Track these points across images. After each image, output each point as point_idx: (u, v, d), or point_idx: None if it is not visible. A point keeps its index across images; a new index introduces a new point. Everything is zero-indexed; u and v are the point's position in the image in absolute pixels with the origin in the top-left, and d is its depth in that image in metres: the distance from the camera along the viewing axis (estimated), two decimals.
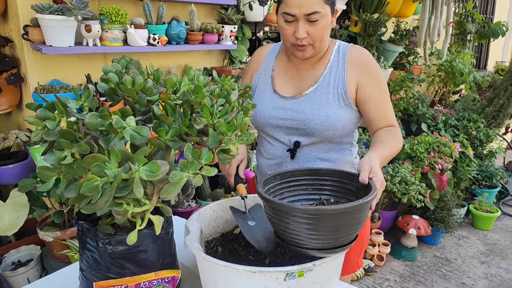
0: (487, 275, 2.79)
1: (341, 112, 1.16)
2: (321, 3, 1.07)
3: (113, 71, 0.82)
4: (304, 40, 1.11)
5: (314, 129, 1.17)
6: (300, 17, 1.08)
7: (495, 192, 3.66)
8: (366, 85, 1.17)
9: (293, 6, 1.08)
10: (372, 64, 1.19)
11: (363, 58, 1.19)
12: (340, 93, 1.17)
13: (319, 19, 1.08)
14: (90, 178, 0.59)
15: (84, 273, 0.88)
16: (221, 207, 1.12)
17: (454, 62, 3.87)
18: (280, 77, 1.26)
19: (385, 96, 1.19)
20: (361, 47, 1.23)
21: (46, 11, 1.64)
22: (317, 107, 1.16)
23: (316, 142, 1.20)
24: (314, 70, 1.22)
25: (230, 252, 1.03)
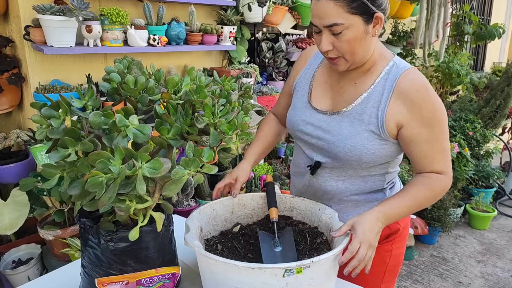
0: (484, 274, 2.82)
1: (372, 145, 1.02)
2: (343, 14, 0.92)
3: (116, 71, 0.84)
4: (330, 53, 0.99)
5: (338, 155, 1.06)
6: (322, 28, 0.96)
7: (492, 192, 3.69)
8: (412, 125, 0.99)
9: (314, 16, 0.97)
10: (426, 101, 0.98)
11: (414, 91, 0.98)
12: (376, 125, 1.01)
13: (343, 31, 0.94)
14: (94, 174, 0.61)
15: (86, 269, 0.89)
16: (221, 205, 1.12)
17: (452, 63, 3.89)
18: (319, 86, 1.14)
19: (437, 141, 1.00)
20: (418, 75, 1.01)
21: (48, 11, 1.65)
22: (345, 134, 1.03)
23: (341, 167, 1.09)
24: (356, 86, 1.06)
25: (229, 250, 1.02)
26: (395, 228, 1.17)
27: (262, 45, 2.86)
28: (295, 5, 2.68)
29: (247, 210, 1.16)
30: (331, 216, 1.02)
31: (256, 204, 1.16)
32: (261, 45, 2.87)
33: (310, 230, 1.07)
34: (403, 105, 0.99)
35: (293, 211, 1.14)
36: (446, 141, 1.03)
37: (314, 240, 1.02)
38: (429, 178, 1.02)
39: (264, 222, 1.13)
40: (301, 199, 1.13)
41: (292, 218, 1.13)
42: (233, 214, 1.14)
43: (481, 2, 5.57)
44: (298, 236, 1.05)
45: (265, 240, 1.02)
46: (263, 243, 1.01)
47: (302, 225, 1.10)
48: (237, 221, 1.15)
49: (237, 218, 1.15)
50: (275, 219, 1.05)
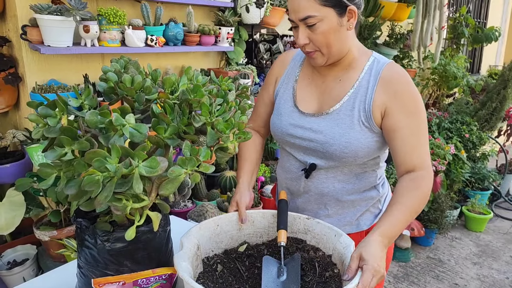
0: (480, 276, 2.83)
1: (364, 138, 1.05)
2: (315, 6, 0.97)
3: (112, 71, 0.84)
4: (307, 46, 1.03)
5: (333, 154, 1.06)
6: (298, 23, 1.01)
7: (488, 194, 3.71)
8: (395, 113, 1.02)
9: (291, 11, 1.02)
10: (407, 90, 1.03)
11: (397, 82, 1.03)
12: (365, 117, 1.04)
13: (317, 23, 0.98)
14: (91, 173, 0.61)
15: (82, 270, 0.89)
16: (226, 221, 1.02)
17: (448, 66, 3.92)
18: (303, 89, 1.15)
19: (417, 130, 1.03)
20: (400, 68, 1.07)
21: (45, 11, 1.65)
22: (339, 131, 1.05)
23: (335, 166, 1.10)
24: (341, 84, 1.09)
25: (230, 272, 0.93)
26: None
27: (260, 46, 2.86)
28: None
29: (256, 228, 1.05)
30: (346, 245, 0.91)
31: (266, 223, 1.05)
32: (258, 46, 2.88)
33: (322, 259, 0.95)
34: (387, 94, 1.03)
35: (307, 234, 1.02)
36: (426, 135, 1.05)
37: (323, 273, 0.91)
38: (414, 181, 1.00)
39: (274, 244, 1.02)
40: (317, 222, 1.01)
41: (305, 242, 1.01)
42: (240, 232, 1.04)
43: (478, 5, 5.61)
44: (307, 265, 0.93)
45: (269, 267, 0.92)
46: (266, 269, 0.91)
47: (315, 251, 0.98)
48: (245, 239, 1.04)
49: (244, 236, 1.04)
50: (283, 243, 0.95)
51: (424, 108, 1.06)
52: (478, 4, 5.61)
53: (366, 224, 1.18)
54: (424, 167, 1.02)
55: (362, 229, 1.18)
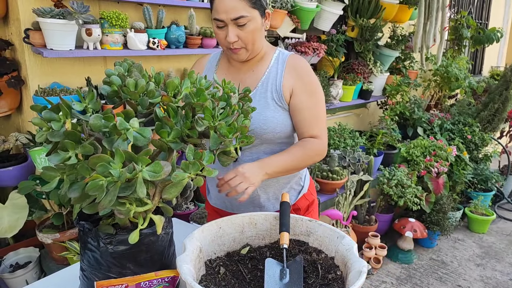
0: (483, 277, 2.81)
1: (279, 115, 1.22)
2: (246, 7, 1.12)
3: (116, 74, 0.84)
4: (235, 43, 1.16)
5: (254, 132, 1.21)
6: (228, 22, 1.13)
7: (491, 196, 3.70)
8: (299, 93, 1.22)
9: (220, 12, 1.12)
10: (308, 74, 1.24)
11: (300, 66, 1.24)
12: (277, 97, 1.22)
13: (247, 23, 1.13)
14: (95, 178, 0.61)
15: (85, 272, 0.89)
16: (229, 223, 1.03)
17: (450, 67, 3.91)
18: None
19: (316, 108, 1.23)
20: (300, 57, 1.28)
21: (48, 14, 1.65)
22: (257, 111, 1.19)
23: (257, 145, 1.25)
24: (254, 74, 1.27)
25: (233, 274, 0.93)
26: (311, 199, 1.42)
27: None
28: (294, 9, 2.70)
29: (258, 231, 1.06)
30: (348, 247, 0.92)
31: (269, 225, 1.06)
32: None
33: (325, 261, 0.96)
34: (292, 77, 1.23)
35: (310, 236, 1.03)
36: (323, 111, 1.26)
37: (326, 275, 0.91)
38: (306, 141, 1.22)
39: (276, 246, 1.04)
40: (319, 224, 1.02)
41: (308, 244, 1.03)
42: (242, 234, 1.05)
43: (479, 6, 5.61)
44: (309, 267, 0.94)
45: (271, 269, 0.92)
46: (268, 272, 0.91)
47: (318, 254, 0.99)
48: (247, 241, 1.05)
49: (247, 238, 1.05)
50: (285, 245, 0.96)
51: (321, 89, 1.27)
52: (479, 5, 5.60)
53: (292, 200, 1.36)
54: (320, 137, 1.24)
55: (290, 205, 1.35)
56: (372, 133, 3.37)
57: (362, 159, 2.84)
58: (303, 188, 1.39)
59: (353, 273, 0.83)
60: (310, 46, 2.80)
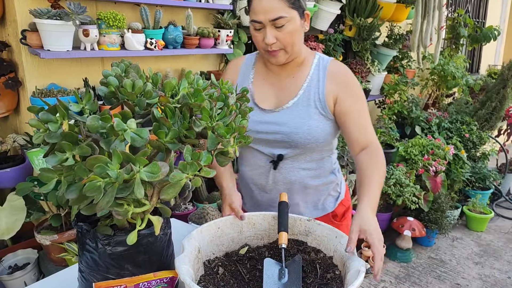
0: (481, 275, 2.82)
1: (323, 124, 1.19)
2: (285, 8, 1.08)
3: (113, 75, 0.84)
4: (274, 45, 1.12)
5: (298, 142, 1.18)
6: (267, 23, 1.09)
7: (489, 194, 3.71)
8: (345, 99, 1.18)
9: (259, 13, 1.09)
10: (351, 80, 1.21)
11: (342, 72, 1.21)
12: (321, 106, 1.18)
13: (286, 24, 1.09)
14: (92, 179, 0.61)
15: (83, 274, 0.89)
16: (228, 223, 1.03)
17: (446, 66, 3.92)
18: (260, 88, 1.25)
19: (364, 111, 1.20)
20: (341, 63, 1.25)
21: (44, 15, 1.65)
22: (300, 121, 1.17)
23: (300, 154, 1.22)
24: (294, 80, 1.22)
25: (232, 275, 0.93)
26: (348, 205, 1.39)
27: None
28: None
29: (257, 231, 1.06)
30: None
31: (267, 225, 1.06)
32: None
33: (323, 260, 0.96)
34: (335, 84, 1.19)
35: (308, 236, 1.03)
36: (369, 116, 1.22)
37: (325, 274, 0.91)
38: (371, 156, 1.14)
39: (275, 246, 1.04)
40: (317, 223, 1.02)
41: (306, 244, 1.03)
42: (241, 234, 1.05)
43: (476, 5, 5.62)
44: (308, 266, 0.94)
45: (270, 269, 0.92)
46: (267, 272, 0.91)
47: (316, 253, 0.99)
48: (246, 242, 1.05)
49: (245, 238, 1.05)
50: (284, 245, 0.96)
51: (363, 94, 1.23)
52: (476, 4, 5.62)
53: (330, 207, 1.33)
54: (374, 141, 1.19)
55: (328, 212, 1.33)
56: None
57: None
58: (340, 194, 1.36)
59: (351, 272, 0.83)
60: (308, 45, 2.80)
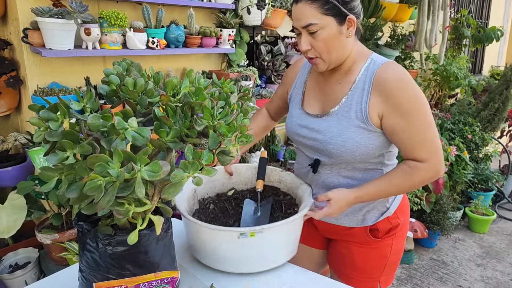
0: (483, 277, 2.81)
1: (361, 138, 1.09)
2: (318, 15, 1.03)
3: (115, 73, 0.83)
4: (309, 52, 1.09)
5: (331, 152, 1.13)
6: (301, 30, 1.07)
7: (491, 195, 3.69)
8: (390, 114, 1.06)
9: (294, 19, 1.08)
10: (402, 91, 1.04)
11: (389, 82, 1.05)
12: (362, 119, 1.09)
13: (318, 30, 1.04)
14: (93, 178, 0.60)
15: (84, 274, 0.88)
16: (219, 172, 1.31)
17: (449, 67, 3.90)
18: (310, 92, 1.24)
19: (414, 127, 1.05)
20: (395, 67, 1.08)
21: (46, 14, 1.65)
22: (336, 131, 1.12)
23: (338, 163, 1.17)
24: (340, 87, 1.15)
25: (220, 210, 1.22)
26: (396, 223, 1.25)
27: (261, 48, 2.86)
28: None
29: (242, 178, 1.34)
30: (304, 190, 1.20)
31: (250, 174, 1.34)
32: (260, 48, 2.88)
33: (288, 201, 1.24)
34: (381, 96, 1.06)
35: (281, 183, 1.31)
36: (428, 130, 1.07)
37: (287, 210, 1.20)
38: (409, 166, 1.09)
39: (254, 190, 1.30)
40: (288, 173, 1.29)
41: (279, 189, 1.30)
42: (229, 180, 1.32)
43: (479, 5, 5.60)
44: (277, 205, 1.23)
45: (248, 207, 1.22)
46: (246, 208, 1.21)
47: (285, 196, 1.26)
48: (233, 186, 1.33)
49: (233, 183, 1.33)
50: (260, 190, 1.25)
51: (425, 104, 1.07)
52: (479, 4, 5.60)
53: (371, 220, 1.24)
54: (425, 160, 1.07)
55: (367, 225, 1.24)
56: None
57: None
58: (388, 210, 1.23)
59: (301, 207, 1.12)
60: None
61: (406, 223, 1.30)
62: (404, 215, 1.28)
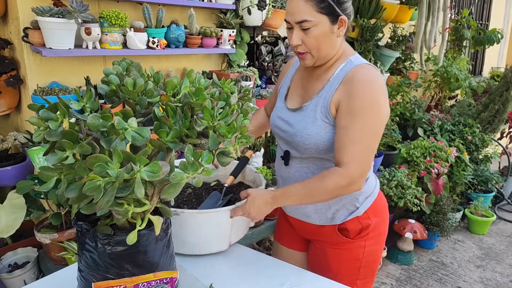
0: (483, 279, 2.81)
1: (325, 132, 1.13)
2: (312, 12, 1.06)
3: (114, 73, 0.83)
4: (299, 47, 1.12)
5: (298, 145, 1.18)
6: (294, 25, 1.09)
7: (491, 197, 3.69)
8: (342, 110, 1.10)
9: (288, 13, 1.10)
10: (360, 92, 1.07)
11: (355, 81, 1.09)
12: (324, 112, 1.13)
13: (311, 27, 1.07)
14: (92, 178, 0.60)
15: (83, 273, 0.88)
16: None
17: (449, 68, 3.90)
18: (294, 87, 1.29)
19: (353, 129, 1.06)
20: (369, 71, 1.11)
21: (47, 13, 1.65)
22: (303, 125, 1.16)
23: (307, 157, 1.21)
24: (317, 83, 1.19)
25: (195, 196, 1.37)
26: (366, 224, 1.25)
27: (262, 48, 2.86)
28: None
29: (226, 172, 1.43)
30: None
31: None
32: (260, 48, 2.87)
33: None
34: (343, 92, 1.11)
35: (254, 183, 1.41)
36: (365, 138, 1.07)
37: None
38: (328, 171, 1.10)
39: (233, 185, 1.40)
40: (259, 175, 1.39)
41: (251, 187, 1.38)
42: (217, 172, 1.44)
43: (480, 7, 5.60)
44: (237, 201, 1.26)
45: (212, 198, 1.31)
46: (209, 199, 1.31)
47: None
48: (218, 178, 1.46)
49: (218, 176, 1.47)
50: (227, 185, 1.33)
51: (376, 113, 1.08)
52: (480, 6, 5.60)
53: (340, 219, 1.24)
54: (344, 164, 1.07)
55: (336, 223, 1.25)
56: None
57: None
58: (358, 209, 1.24)
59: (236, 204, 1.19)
60: None
61: (381, 225, 1.28)
62: (377, 216, 1.26)
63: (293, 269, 1.18)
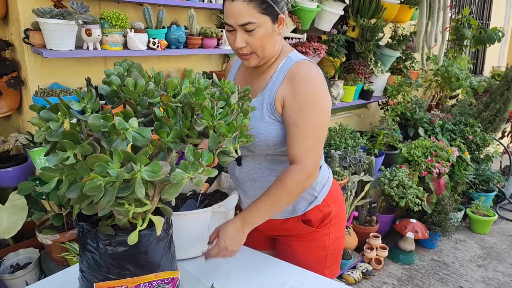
0: (485, 278, 2.80)
1: (273, 128, 1.15)
2: (255, 13, 1.07)
3: (115, 74, 0.84)
4: (244, 49, 1.12)
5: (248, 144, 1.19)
6: (237, 27, 1.09)
7: (492, 196, 3.68)
8: (287, 106, 1.13)
9: (229, 16, 1.09)
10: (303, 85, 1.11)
11: (297, 77, 1.12)
12: (270, 109, 1.15)
13: (255, 29, 1.08)
14: (93, 178, 0.60)
15: (84, 274, 0.88)
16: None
17: (450, 67, 3.90)
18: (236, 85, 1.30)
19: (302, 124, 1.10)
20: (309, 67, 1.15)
21: (47, 15, 1.65)
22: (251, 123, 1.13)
23: (258, 154, 1.22)
24: (260, 81, 1.21)
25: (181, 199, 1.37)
26: (327, 211, 1.29)
27: None
28: (294, 9, 2.69)
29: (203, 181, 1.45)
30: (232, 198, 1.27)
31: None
32: None
33: None
34: (287, 88, 1.13)
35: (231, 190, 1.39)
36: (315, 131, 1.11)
37: None
38: (284, 173, 1.11)
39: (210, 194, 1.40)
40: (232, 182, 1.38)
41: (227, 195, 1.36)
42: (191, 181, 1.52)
43: (480, 6, 5.60)
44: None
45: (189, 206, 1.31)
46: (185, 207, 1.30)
47: None
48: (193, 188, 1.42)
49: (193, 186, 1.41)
50: (202, 192, 1.35)
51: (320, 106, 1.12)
52: (480, 5, 5.59)
53: (301, 210, 1.28)
54: (299, 160, 1.10)
55: (297, 214, 1.28)
56: (373, 134, 3.36)
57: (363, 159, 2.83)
58: (316, 198, 1.28)
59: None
60: (311, 46, 2.79)
61: (340, 212, 1.34)
62: (336, 203, 1.32)
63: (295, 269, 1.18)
